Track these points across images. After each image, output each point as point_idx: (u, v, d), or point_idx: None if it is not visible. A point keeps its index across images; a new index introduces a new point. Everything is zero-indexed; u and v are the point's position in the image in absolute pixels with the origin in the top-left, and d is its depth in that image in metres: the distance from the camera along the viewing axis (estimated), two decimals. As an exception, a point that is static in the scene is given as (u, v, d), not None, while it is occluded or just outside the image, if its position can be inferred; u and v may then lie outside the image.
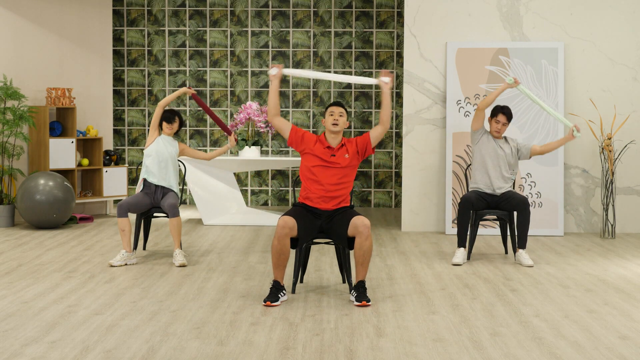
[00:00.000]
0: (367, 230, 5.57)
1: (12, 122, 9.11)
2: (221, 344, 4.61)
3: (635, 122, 8.99)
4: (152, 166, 7.19)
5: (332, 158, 5.80)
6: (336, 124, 5.81)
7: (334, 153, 5.81)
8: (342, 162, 5.81)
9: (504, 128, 7.30)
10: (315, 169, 5.80)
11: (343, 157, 5.83)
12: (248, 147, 9.46)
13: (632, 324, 5.13)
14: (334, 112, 5.83)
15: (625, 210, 9.01)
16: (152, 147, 7.23)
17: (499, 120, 7.26)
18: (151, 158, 7.20)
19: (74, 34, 10.11)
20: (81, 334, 4.77)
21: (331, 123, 5.81)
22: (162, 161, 7.20)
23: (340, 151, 5.83)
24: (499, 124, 7.26)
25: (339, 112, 5.84)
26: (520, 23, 9.00)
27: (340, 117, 5.83)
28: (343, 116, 5.85)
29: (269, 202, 11.47)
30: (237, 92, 11.40)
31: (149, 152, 7.23)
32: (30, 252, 7.52)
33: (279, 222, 5.60)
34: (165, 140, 7.26)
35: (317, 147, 5.83)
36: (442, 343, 4.67)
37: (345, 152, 5.84)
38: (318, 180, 5.78)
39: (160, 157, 7.20)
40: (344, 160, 5.82)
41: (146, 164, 7.23)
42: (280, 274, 5.63)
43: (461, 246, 7.19)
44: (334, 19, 11.34)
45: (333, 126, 5.81)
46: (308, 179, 5.82)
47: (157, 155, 7.20)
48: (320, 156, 5.80)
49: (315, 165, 5.80)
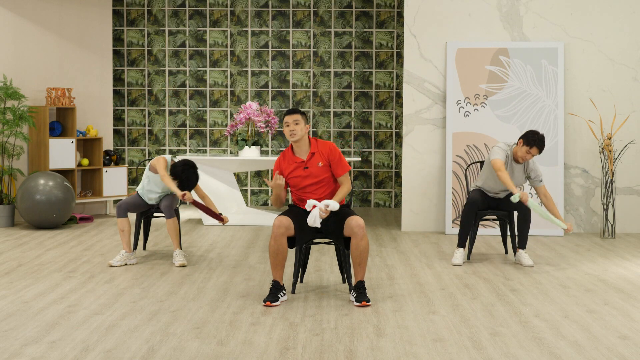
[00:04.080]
0: (362, 231, 5.56)
1: (12, 122, 9.11)
2: (221, 344, 4.61)
3: (635, 122, 8.99)
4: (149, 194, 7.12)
5: (305, 171, 5.73)
6: (294, 134, 5.72)
7: (306, 165, 5.75)
8: (315, 171, 5.74)
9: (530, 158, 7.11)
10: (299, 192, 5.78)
11: (316, 166, 5.75)
12: (248, 147, 9.46)
13: (632, 324, 5.13)
14: (289, 122, 5.74)
15: (625, 210, 9.01)
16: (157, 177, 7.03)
17: (530, 152, 6.98)
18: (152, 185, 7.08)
19: (74, 34, 10.11)
20: (81, 334, 4.77)
21: (289, 134, 5.73)
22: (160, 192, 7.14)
23: (311, 161, 5.75)
24: (529, 155, 7.01)
25: (293, 121, 5.73)
26: (520, 23, 9.00)
27: (296, 126, 5.72)
28: (299, 123, 5.73)
29: (268, 202, 11.47)
30: (237, 92, 11.40)
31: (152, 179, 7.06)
32: (30, 252, 7.52)
33: (274, 222, 5.60)
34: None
35: (289, 167, 5.77)
36: (442, 343, 4.67)
37: (318, 160, 5.75)
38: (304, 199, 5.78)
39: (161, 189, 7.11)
40: (317, 169, 5.74)
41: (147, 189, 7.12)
42: (279, 274, 5.64)
43: (461, 246, 7.19)
44: (334, 19, 11.34)
45: (291, 137, 5.72)
46: (297, 197, 5.85)
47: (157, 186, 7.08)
48: (297, 175, 5.74)
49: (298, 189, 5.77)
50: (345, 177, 5.81)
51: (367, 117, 11.37)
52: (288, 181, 5.81)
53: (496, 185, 7.21)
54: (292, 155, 5.80)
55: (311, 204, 5.61)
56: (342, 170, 5.79)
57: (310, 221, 5.59)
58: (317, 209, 5.58)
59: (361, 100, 11.38)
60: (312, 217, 5.58)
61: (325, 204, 5.59)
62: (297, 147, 5.79)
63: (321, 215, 5.59)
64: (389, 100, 11.35)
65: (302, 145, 5.78)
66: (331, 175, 5.80)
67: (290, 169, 5.78)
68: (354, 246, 5.58)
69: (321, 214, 5.58)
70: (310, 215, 5.59)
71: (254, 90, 11.40)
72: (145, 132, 11.45)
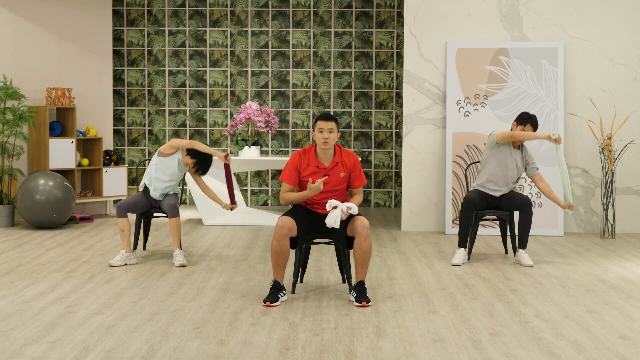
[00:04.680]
0: (366, 231, 5.57)
1: (12, 122, 9.11)
2: (221, 344, 4.61)
3: (635, 122, 8.99)
4: (157, 183, 7.08)
5: (325, 178, 5.67)
6: (327, 142, 5.65)
7: (327, 173, 5.71)
8: (335, 180, 5.71)
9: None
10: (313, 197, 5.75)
11: (337, 175, 5.72)
12: (248, 147, 9.46)
13: (632, 324, 5.13)
14: (324, 129, 5.65)
15: (625, 210, 9.01)
16: (167, 161, 7.05)
17: (525, 130, 7.13)
18: (160, 172, 7.06)
19: (74, 34, 10.11)
20: (81, 334, 4.77)
21: (322, 141, 5.65)
22: (168, 180, 7.11)
23: (334, 170, 5.72)
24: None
25: (328, 129, 5.65)
26: (520, 23, 9.00)
27: (330, 134, 5.65)
28: (333, 132, 5.65)
29: (269, 202, 11.47)
30: (237, 92, 11.40)
31: (161, 165, 7.06)
32: (30, 252, 7.52)
33: (277, 222, 5.59)
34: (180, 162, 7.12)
35: (308, 169, 5.70)
36: (442, 343, 4.67)
37: (340, 170, 5.73)
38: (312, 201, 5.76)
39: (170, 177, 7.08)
40: (338, 179, 5.72)
41: (155, 177, 7.09)
42: (280, 274, 5.63)
43: (461, 246, 7.19)
44: (334, 19, 11.34)
45: (324, 145, 5.65)
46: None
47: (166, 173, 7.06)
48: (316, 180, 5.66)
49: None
50: (360, 189, 5.85)
51: (367, 117, 11.37)
52: (302, 181, 5.76)
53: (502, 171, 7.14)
54: (315, 158, 5.72)
55: (332, 204, 5.55)
56: (359, 184, 5.82)
57: (331, 222, 5.52)
58: (339, 210, 5.53)
59: (361, 100, 11.38)
60: (333, 218, 5.51)
61: (347, 206, 5.55)
62: (323, 153, 5.73)
63: (342, 217, 5.56)
64: (389, 100, 11.35)
65: (328, 152, 5.73)
66: (346, 187, 5.80)
67: (309, 170, 5.71)
68: (357, 246, 5.57)
69: (342, 215, 5.55)
70: (331, 215, 5.52)
71: (254, 90, 11.40)
72: (145, 132, 11.45)
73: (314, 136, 5.72)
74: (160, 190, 7.12)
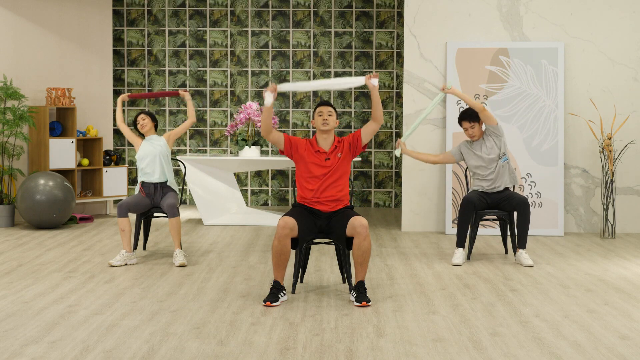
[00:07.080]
0: (365, 231, 5.57)
1: (12, 122, 9.11)
2: (221, 344, 4.61)
3: (635, 122, 8.99)
4: (145, 167, 7.27)
5: (327, 162, 5.79)
6: (326, 123, 5.82)
7: (328, 157, 5.81)
8: (334, 163, 5.81)
9: (477, 129, 7.22)
10: (312, 180, 5.79)
11: (336, 157, 5.83)
12: (248, 147, 9.46)
13: (632, 324, 5.13)
14: (323, 112, 5.86)
15: (625, 210, 9.01)
16: (140, 152, 7.32)
17: (465, 128, 7.23)
18: (141, 160, 7.29)
19: (74, 34, 10.11)
20: (81, 334, 4.77)
21: (321, 123, 5.83)
22: (152, 159, 7.24)
23: (334, 153, 5.84)
24: (471, 130, 7.20)
25: (327, 112, 5.86)
26: (520, 23, 9.00)
27: (329, 117, 5.85)
28: (332, 115, 5.87)
29: (269, 202, 11.48)
30: (237, 92, 11.40)
31: (139, 157, 7.32)
32: (30, 252, 7.52)
33: (279, 222, 5.60)
34: (150, 140, 7.33)
35: (308, 153, 5.81)
36: (442, 343, 4.67)
37: (339, 151, 5.85)
38: (314, 189, 5.78)
39: (150, 156, 7.25)
40: (337, 160, 5.82)
41: (140, 168, 7.30)
42: (281, 274, 5.64)
43: (460, 246, 7.19)
44: (334, 19, 11.34)
45: (323, 125, 5.82)
46: (305, 188, 5.83)
47: (146, 156, 7.27)
48: (315, 162, 5.78)
49: (312, 177, 5.78)
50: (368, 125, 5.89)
51: (368, 117, 11.36)
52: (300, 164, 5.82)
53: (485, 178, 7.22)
54: (316, 144, 5.87)
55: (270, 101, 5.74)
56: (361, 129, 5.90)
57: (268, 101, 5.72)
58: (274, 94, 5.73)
59: (361, 100, 11.38)
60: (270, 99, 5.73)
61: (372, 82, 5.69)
62: (323, 139, 5.87)
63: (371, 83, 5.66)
64: (389, 100, 11.35)
65: (328, 138, 5.87)
66: (343, 171, 5.83)
67: (309, 153, 5.82)
68: (357, 246, 5.58)
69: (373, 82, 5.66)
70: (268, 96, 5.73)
71: (254, 90, 11.40)
72: (145, 132, 11.45)
73: (314, 123, 5.89)
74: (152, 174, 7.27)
